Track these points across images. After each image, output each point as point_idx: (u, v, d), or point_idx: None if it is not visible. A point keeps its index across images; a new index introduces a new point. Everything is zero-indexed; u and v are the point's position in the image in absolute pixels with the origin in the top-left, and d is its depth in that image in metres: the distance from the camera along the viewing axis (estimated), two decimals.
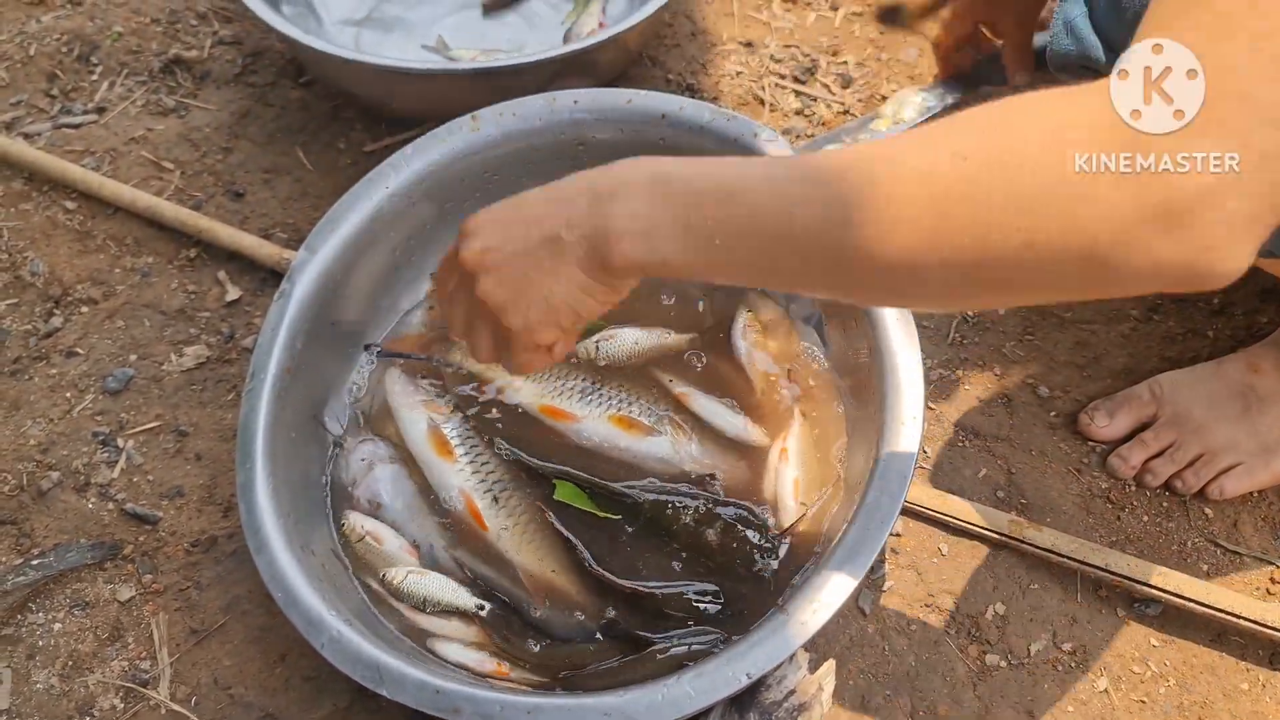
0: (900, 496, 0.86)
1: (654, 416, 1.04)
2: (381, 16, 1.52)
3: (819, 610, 0.81)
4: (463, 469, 1.01)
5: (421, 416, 1.04)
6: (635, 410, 1.04)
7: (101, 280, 1.26)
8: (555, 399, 1.05)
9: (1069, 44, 0.85)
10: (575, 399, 1.05)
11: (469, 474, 1.01)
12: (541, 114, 1.10)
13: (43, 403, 1.16)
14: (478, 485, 1.00)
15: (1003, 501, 1.06)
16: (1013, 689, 0.95)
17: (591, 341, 1.07)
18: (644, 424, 1.03)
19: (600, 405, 1.04)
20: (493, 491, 0.99)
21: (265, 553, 0.89)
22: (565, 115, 1.10)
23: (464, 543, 0.99)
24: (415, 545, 0.99)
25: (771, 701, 0.84)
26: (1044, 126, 0.56)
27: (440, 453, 1.02)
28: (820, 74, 1.48)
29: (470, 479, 1.00)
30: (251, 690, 0.96)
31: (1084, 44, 0.84)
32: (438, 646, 0.93)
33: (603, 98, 1.10)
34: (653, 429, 1.02)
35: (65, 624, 1.00)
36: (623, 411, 1.04)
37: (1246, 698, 0.95)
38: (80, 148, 1.39)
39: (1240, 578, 1.01)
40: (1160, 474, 1.05)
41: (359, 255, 1.07)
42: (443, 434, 1.02)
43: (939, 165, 0.56)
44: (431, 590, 0.94)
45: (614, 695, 0.80)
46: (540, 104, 1.10)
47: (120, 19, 1.55)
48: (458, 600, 0.94)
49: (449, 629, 0.94)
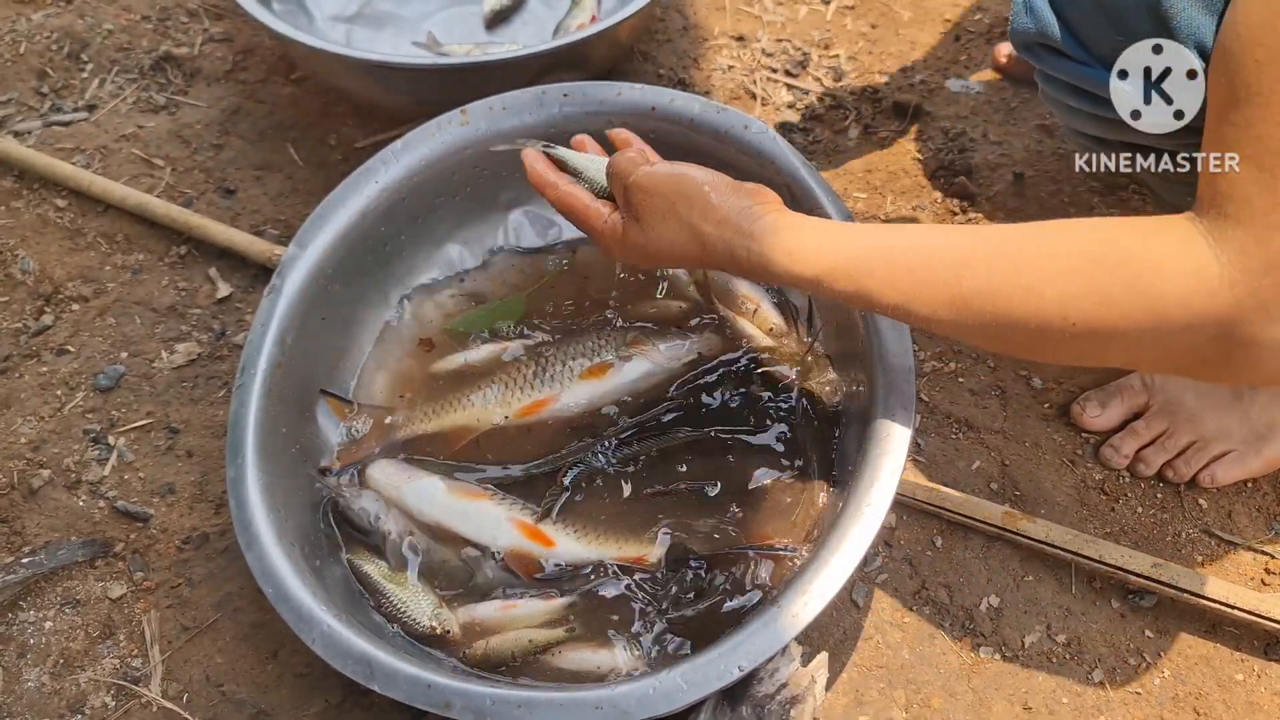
0: (892, 488, 0.85)
1: (614, 348, 1.05)
2: (372, 13, 1.52)
3: (811, 602, 0.81)
4: (500, 502, 0.98)
5: (431, 479, 1.00)
6: (595, 355, 1.05)
7: (92, 278, 1.26)
8: (524, 397, 1.04)
9: (1028, 22, 0.87)
10: (539, 384, 1.04)
11: (509, 504, 0.98)
12: (531, 107, 1.10)
13: (33, 400, 1.15)
14: (522, 510, 0.98)
15: (996, 493, 1.06)
16: (1007, 681, 0.95)
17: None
18: (611, 360, 1.04)
19: (564, 374, 1.05)
20: (535, 510, 0.98)
21: (256, 549, 0.89)
22: (555, 109, 1.10)
23: (520, 568, 0.96)
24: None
25: (764, 694, 0.84)
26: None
27: (471, 496, 0.99)
28: (812, 67, 1.48)
29: (512, 508, 0.98)
30: (243, 687, 0.96)
31: (1042, 22, 0.86)
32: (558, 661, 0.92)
33: (592, 91, 1.10)
34: (622, 359, 1.04)
35: (56, 622, 1.00)
36: (587, 363, 1.05)
37: (1241, 688, 0.94)
38: (70, 145, 1.39)
39: (1235, 568, 1.01)
40: (1152, 463, 1.05)
41: (349, 250, 1.06)
42: (462, 481, 1.00)
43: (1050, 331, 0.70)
44: (513, 643, 0.92)
45: (606, 689, 0.79)
46: (530, 98, 1.10)
47: (110, 16, 1.54)
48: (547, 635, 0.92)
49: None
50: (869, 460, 0.87)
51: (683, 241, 0.82)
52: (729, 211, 0.80)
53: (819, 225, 0.79)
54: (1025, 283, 0.69)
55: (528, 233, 1.18)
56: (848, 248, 0.76)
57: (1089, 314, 0.67)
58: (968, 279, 0.71)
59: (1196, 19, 0.74)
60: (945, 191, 1.31)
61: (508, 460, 1.02)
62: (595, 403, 1.04)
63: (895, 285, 0.74)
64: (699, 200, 0.81)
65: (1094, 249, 0.68)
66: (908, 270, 0.73)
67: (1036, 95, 1.41)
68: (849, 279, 0.75)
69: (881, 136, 1.39)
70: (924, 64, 1.47)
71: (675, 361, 1.06)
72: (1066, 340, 0.69)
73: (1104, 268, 0.67)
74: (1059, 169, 1.33)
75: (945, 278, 0.72)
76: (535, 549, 0.96)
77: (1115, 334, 0.67)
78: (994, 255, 0.71)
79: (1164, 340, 0.66)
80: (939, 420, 1.11)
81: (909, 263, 0.74)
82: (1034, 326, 0.69)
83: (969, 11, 1.55)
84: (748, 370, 1.05)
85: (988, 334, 0.72)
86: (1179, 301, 0.64)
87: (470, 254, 1.17)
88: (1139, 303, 0.65)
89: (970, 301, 0.71)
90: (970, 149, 1.36)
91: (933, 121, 1.40)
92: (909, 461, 0.88)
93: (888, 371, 0.91)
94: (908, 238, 0.76)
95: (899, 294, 0.74)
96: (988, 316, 0.71)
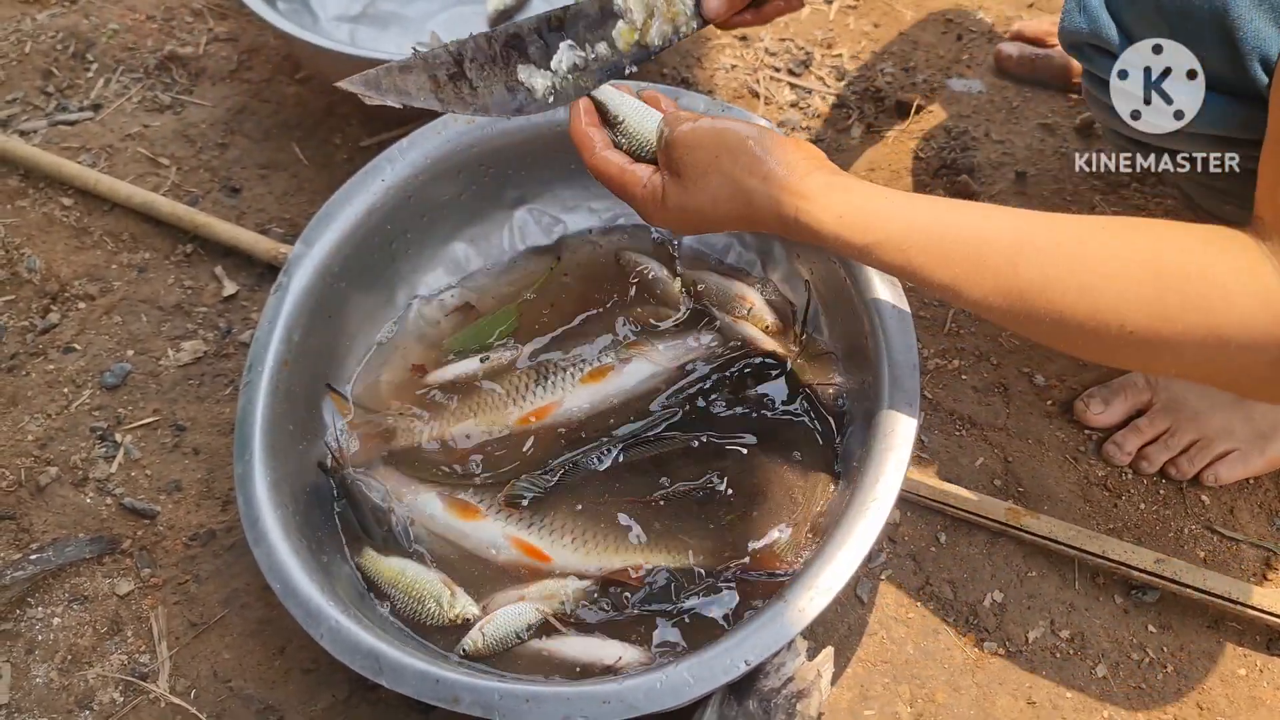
0: (897, 484, 0.86)
1: (613, 351, 1.06)
2: (377, 12, 1.52)
3: (816, 597, 0.81)
4: (497, 518, 0.99)
5: (428, 495, 1.01)
6: (595, 360, 1.06)
7: (98, 276, 1.26)
8: (526, 404, 1.05)
9: (1081, 21, 0.83)
10: (541, 391, 1.05)
11: (504, 520, 0.98)
12: None
13: (40, 398, 1.16)
14: (518, 525, 0.98)
15: (1000, 489, 1.06)
16: (1011, 676, 0.96)
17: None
18: (611, 363, 1.05)
19: (566, 379, 1.05)
20: (534, 523, 0.98)
21: (263, 544, 0.89)
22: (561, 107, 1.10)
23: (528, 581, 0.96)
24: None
25: (770, 689, 0.84)
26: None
27: (467, 515, 0.99)
28: (815, 67, 1.48)
29: (508, 524, 0.98)
30: (251, 683, 0.96)
31: (1097, 23, 0.82)
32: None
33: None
34: (622, 361, 1.05)
35: (64, 618, 1.01)
36: (587, 368, 1.05)
37: (1244, 683, 0.95)
38: (76, 144, 1.39)
39: (1237, 564, 1.01)
40: (1155, 460, 1.06)
41: (355, 249, 1.07)
42: (460, 498, 1.00)
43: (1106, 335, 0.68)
44: (514, 621, 0.91)
45: (614, 683, 0.80)
46: None
47: (116, 16, 1.55)
48: (541, 611, 0.92)
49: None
50: (874, 456, 0.88)
51: (726, 198, 0.77)
52: (775, 166, 0.75)
53: (872, 190, 0.75)
54: (1084, 281, 0.67)
55: (533, 231, 1.18)
56: (902, 218, 0.72)
57: (1147, 324, 0.66)
58: (1024, 269, 0.69)
59: (1264, 31, 0.72)
60: (947, 190, 1.32)
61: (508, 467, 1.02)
62: (598, 406, 1.04)
63: (948, 266, 0.71)
64: (744, 153, 0.76)
65: (1159, 258, 0.67)
66: (961, 252, 0.71)
67: (1038, 95, 1.42)
68: (900, 252, 0.72)
69: (884, 135, 1.40)
70: (926, 63, 1.48)
71: (676, 362, 1.06)
72: (1121, 345, 0.68)
73: (1168, 279, 0.66)
74: (1060, 168, 1.33)
75: (1000, 265, 0.69)
76: (533, 565, 0.96)
77: (1172, 346, 0.66)
78: (1053, 248, 0.69)
79: (1221, 358, 0.66)
80: (943, 417, 1.12)
81: (965, 243, 0.71)
82: (1090, 328, 0.68)
83: (971, 11, 1.55)
84: (747, 369, 1.06)
85: (1039, 327, 0.70)
86: (1242, 323, 0.64)
87: (476, 252, 1.17)
88: (1202, 320, 0.65)
89: (1025, 293, 0.69)
90: (972, 147, 1.36)
91: (935, 120, 1.40)
92: (913, 458, 0.88)
93: (892, 367, 0.91)
94: (966, 216, 0.72)
95: (951, 275, 0.71)
96: (1040, 310, 0.69)
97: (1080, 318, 0.68)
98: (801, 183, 0.74)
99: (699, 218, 0.80)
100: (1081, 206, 1.28)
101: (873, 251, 0.73)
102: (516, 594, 0.94)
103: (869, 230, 0.73)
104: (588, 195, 1.18)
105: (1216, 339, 0.65)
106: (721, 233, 0.77)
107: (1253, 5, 0.72)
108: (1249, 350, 0.64)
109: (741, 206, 0.77)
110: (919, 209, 0.73)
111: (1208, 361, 0.67)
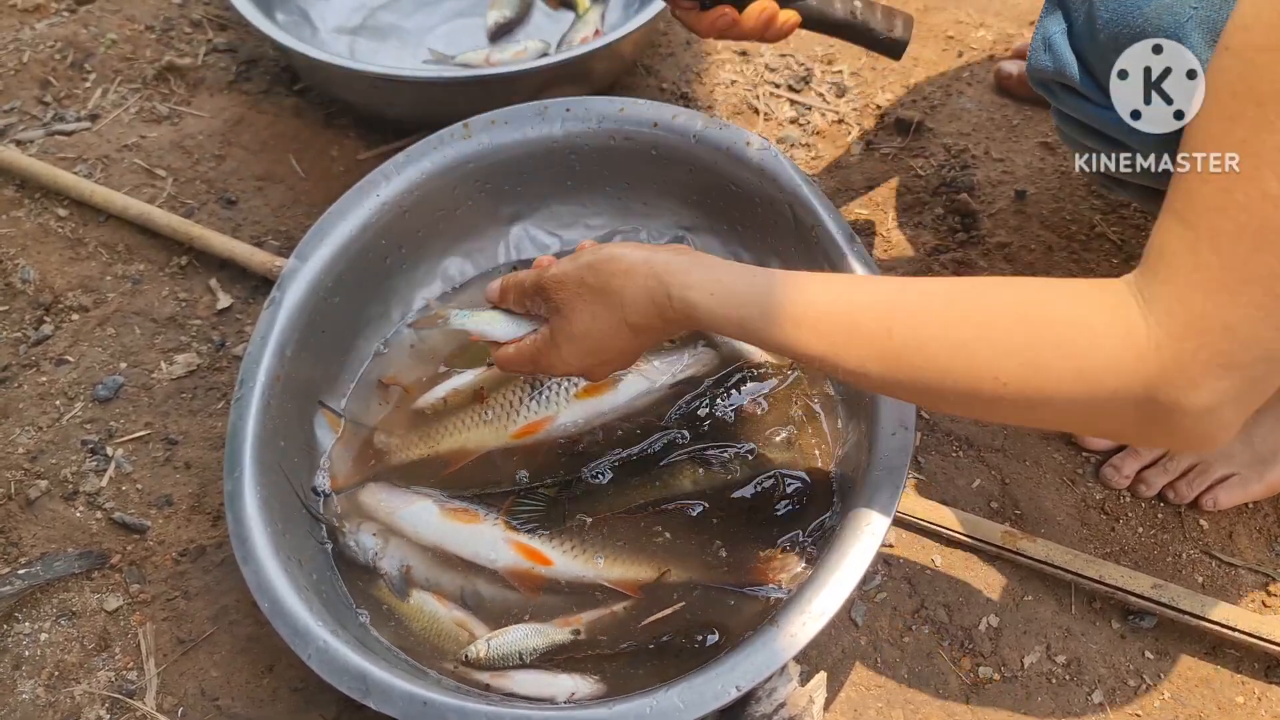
0: (892, 507, 0.85)
1: None
2: (376, 25, 1.52)
3: (809, 622, 0.80)
4: (495, 523, 0.98)
5: (424, 503, 1.00)
6: None
7: (92, 288, 1.26)
8: (519, 419, 1.04)
9: (1046, 60, 0.85)
10: (535, 406, 1.04)
11: (503, 525, 0.98)
12: (533, 122, 1.10)
13: (32, 410, 1.15)
14: (519, 530, 0.98)
15: (996, 512, 1.05)
16: (1006, 702, 0.95)
17: None
18: (607, 380, 1.04)
19: (560, 394, 1.04)
20: (533, 528, 0.98)
21: (252, 562, 0.88)
22: (557, 123, 1.10)
23: (522, 585, 0.96)
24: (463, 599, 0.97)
25: (762, 714, 0.83)
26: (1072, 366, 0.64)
27: (466, 520, 0.98)
28: (815, 83, 1.48)
29: (507, 528, 0.98)
30: (238, 701, 0.95)
31: (1060, 61, 0.84)
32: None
33: (595, 105, 1.10)
34: (617, 376, 1.04)
35: (52, 634, 1.00)
36: (582, 383, 1.05)
37: (1242, 711, 0.94)
38: (73, 155, 1.39)
39: (1236, 589, 1.01)
40: (1154, 484, 1.05)
41: (349, 264, 1.06)
42: (455, 505, 0.99)
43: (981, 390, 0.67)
44: (520, 641, 0.91)
45: (604, 708, 0.79)
46: (532, 112, 1.10)
47: (114, 26, 1.55)
48: (552, 636, 0.91)
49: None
50: (869, 478, 0.87)
51: (603, 311, 0.79)
52: (637, 260, 0.78)
53: (741, 268, 0.77)
54: (956, 337, 0.67)
55: (529, 247, 1.18)
56: (772, 292, 0.74)
57: (1020, 374, 0.65)
58: (897, 331, 0.69)
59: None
60: (947, 208, 1.31)
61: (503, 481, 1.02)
62: (593, 421, 1.04)
63: (822, 336, 0.72)
64: (603, 262, 0.79)
65: (1027, 307, 0.66)
66: (834, 321, 0.71)
67: (1038, 113, 1.41)
68: (774, 324, 0.73)
69: (884, 153, 1.39)
70: (926, 81, 1.47)
71: (671, 377, 1.06)
72: (998, 401, 0.67)
73: (1036, 326, 0.65)
74: (1061, 186, 1.33)
75: (874, 329, 0.70)
76: (534, 568, 0.95)
77: (1046, 396, 0.65)
78: (924, 309, 0.69)
79: (1093, 405, 0.64)
80: (939, 438, 1.11)
81: (837, 313, 0.71)
82: (966, 385, 0.67)
83: (971, 29, 1.55)
84: (742, 385, 1.05)
85: (918, 389, 0.70)
86: (1108, 365, 0.62)
87: (472, 268, 1.17)
88: (1071, 365, 0.64)
89: (900, 354, 0.69)
90: (972, 166, 1.36)
91: (935, 138, 1.40)
92: (909, 479, 0.88)
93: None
94: (834, 286, 0.74)
95: (826, 345, 0.72)
96: (917, 371, 0.69)
97: (956, 374, 0.67)
98: (668, 265, 0.77)
99: (588, 342, 0.82)
100: (1081, 225, 1.28)
101: (747, 325, 0.74)
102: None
103: (743, 305, 0.74)
104: (584, 211, 1.17)
105: (1086, 384, 0.63)
106: (619, 356, 0.81)
107: (1205, 44, 0.72)
108: (1118, 394, 0.63)
109: (619, 311, 0.78)
110: (789, 283, 0.74)
111: (1082, 409, 0.65)
